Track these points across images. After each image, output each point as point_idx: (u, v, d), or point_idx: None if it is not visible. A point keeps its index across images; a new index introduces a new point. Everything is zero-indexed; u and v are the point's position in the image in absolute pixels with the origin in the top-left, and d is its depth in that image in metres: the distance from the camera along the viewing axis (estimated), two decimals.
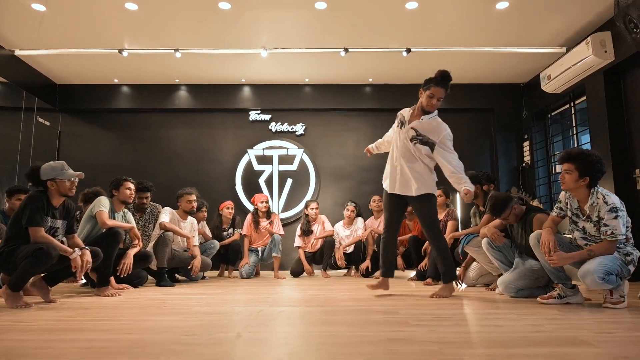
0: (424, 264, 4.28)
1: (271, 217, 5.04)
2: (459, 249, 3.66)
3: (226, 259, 5.03)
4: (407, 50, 5.12)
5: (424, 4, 4.24)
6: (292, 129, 6.38)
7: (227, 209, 5.09)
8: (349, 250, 5.05)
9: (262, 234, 5.02)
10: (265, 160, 6.31)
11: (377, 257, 4.74)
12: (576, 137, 5.31)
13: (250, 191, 6.10)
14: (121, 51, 5.11)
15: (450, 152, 3.00)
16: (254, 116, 6.38)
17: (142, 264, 3.72)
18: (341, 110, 6.38)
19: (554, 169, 5.79)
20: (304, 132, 6.38)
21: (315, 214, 5.12)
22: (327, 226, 5.12)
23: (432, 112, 3.07)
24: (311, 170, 6.27)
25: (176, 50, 5.11)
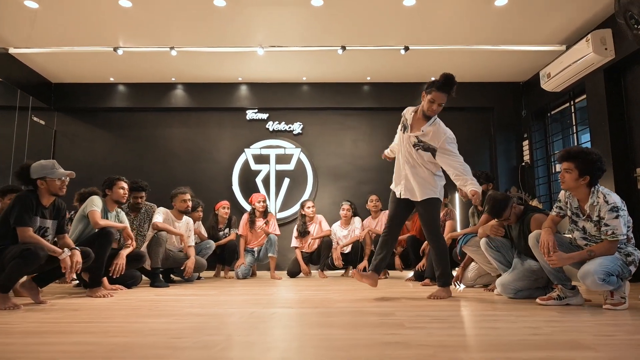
0: (422, 264, 4.22)
1: (267, 217, 4.98)
2: (457, 249, 3.61)
3: (222, 259, 4.98)
4: (405, 48, 5.06)
5: (422, 1, 4.18)
6: (290, 128, 6.32)
7: (223, 208, 5.04)
8: (347, 250, 4.99)
9: (258, 234, 4.97)
10: (262, 159, 6.26)
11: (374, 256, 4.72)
12: (576, 136, 5.26)
13: (247, 191, 6.05)
14: (116, 49, 5.06)
15: (451, 156, 2.92)
16: (251, 115, 6.33)
17: (135, 265, 3.67)
18: (339, 109, 6.33)
19: (554, 168, 5.73)
20: (301, 131, 6.33)
21: (312, 212, 5.06)
22: (324, 226, 5.06)
23: (432, 119, 2.99)
24: (308, 169, 6.22)
25: (172, 48, 5.05)
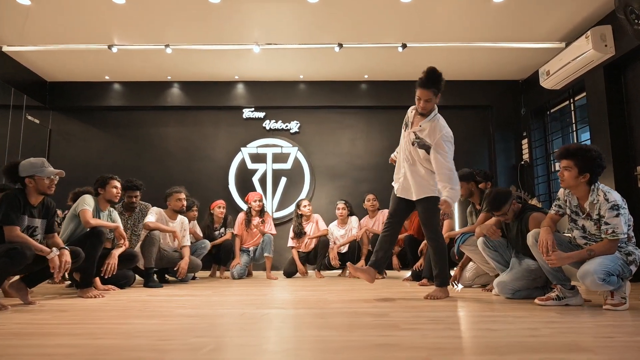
0: (420, 264, 4.17)
1: (264, 217, 4.92)
2: (455, 248, 3.55)
3: (218, 259, 4.91)
4: (403, 45, 5.00)
5: None
6: (287, 126, 6.26)
7: (219, 208, 4.98)
8: (344, 250, 4.94)
9: (253, 234, 4.91)
10: (259, 158, 6.20)
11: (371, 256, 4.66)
12: (576, 134, 5.20)
13: (243, 190, 5.99)
14: (110, 47, 5.00)
15: (442, 156, 2.83)
16: (248, 114, 6.27)
17: (127, 265, 3.61)
18: (336, 107, 6.27)
19: (553, 167, 5.68)
20: (298, 130, 6.27)
21: (308, 211, 5.01)
22: (321, 225, 5.00)
23: (429, 114, 2.93)
24: (306, 168, 6.16)
25: (167, 46, 5.00)
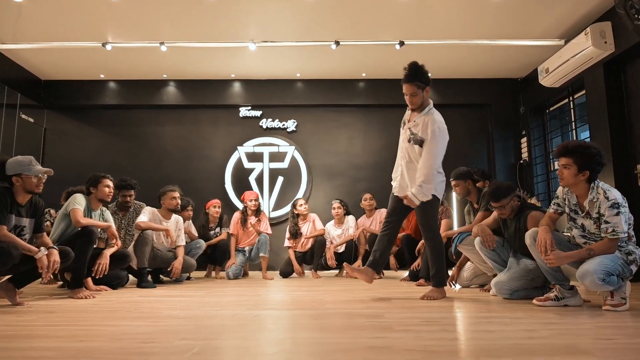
0: (417, 264, 4.11)
1: (260, 216, 4.86)
2: (452, 248, 3.49)
3: (213, 259, 4.86)
4: (401, 43, 4.94)
5: None
6: (284, 125, 6.20)
7: (214, 207, 4.92)
8: (340, 249, 4.88)
9: (249, 234, 4.85)
10: (255, 157, 6.14)
11: (369, 256, 4.59)
12: (575, 132, 5.14)
13: (240, 189, 5.93)
14: (105, 44, 4.94)
15: (429, 151, 2.80)
16: (244, 112, 6.21)
17: (119, 265, 3.55)
18: (334, 106, 6.21)
19: (553, 166, 5.62)
20: (295, 129, 6.21)
21: (305, 210, 4.95)
22: (318, 225, 4.94)
23: (423, 109, 2.91)
24: (303, 167, 6.10)
25: (161, 43, 4.93)
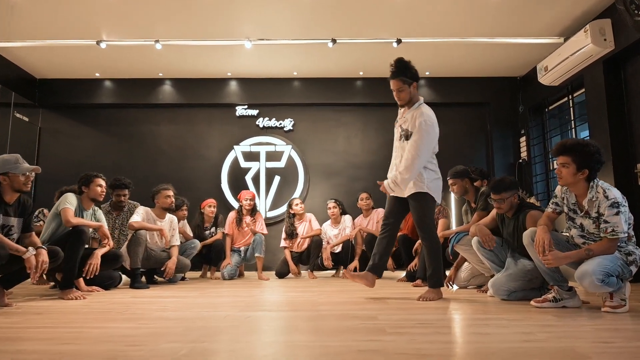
0: (414, 264, 4.06)
1: (255, 216, 4.81)
2: (449, 248, 3.44)
3: (208, 259, 4.80)
4: (398, 41, 4.89)
5: None
6: (280, 124, 6.15)
7: (209, 207, 4.86)
8: (337, 250, 4.83)
9: (244, 233, 4.79)
10: (252, 156, 6.08)
11: (365, 257, 4.55)
12: (574, 131, 5.09)
13: (236, 189, 5.88)
14: (99, 42, 4.89)
15: (415, 142, 2.77)
16: (241, 111, 6.16)
17: (111, 265, 3.50)
18: (331, 105, 6.15)
19: (552, 165, 5.57)
20: (292, 128, 6.16)
21: (301, 209, 4.90)
22: (315, 225, 4.89)
23: (413, 104, 2.90)
24: (300, 167, 6.05)
25: (156, 41, 4.88)
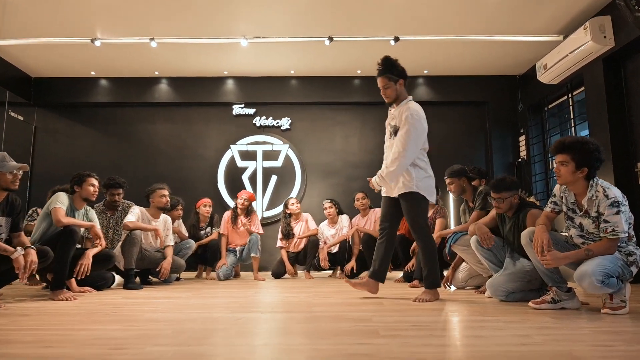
0: (412, 264, 4.01)
1: (251, 216, 4.76)
2: (447, 248, 3.39)
3: (204, 259, 4.75)
4: (396, 39, 4.84)
5: None
6: (277, 123, 6.10)
7: (205, 206, 4.81)
8: (334, 250, 4.78)
9: (240, 233, 4.74)
10: (248, 156, 6.03)
11: (363, 257, 4.50)
12: (574, 129, 5.04)
13: (233, 188, 5.83)
14: (94, 41, 4.84)
15: (401, 135, 2.77)
16: (238, 110, 6.11)
17: (103, 265, 3.44)
18: (329, 103, 6.10)
19: (551, 164, 5.52)
20: (289, 127, 6.11)
21: (297, 209, 4.84)
22: (311, 224, 4.84)
23: (400, 102, 2.89)
24: (297, 166, 6.00)
25: (151, 39, 4.83)
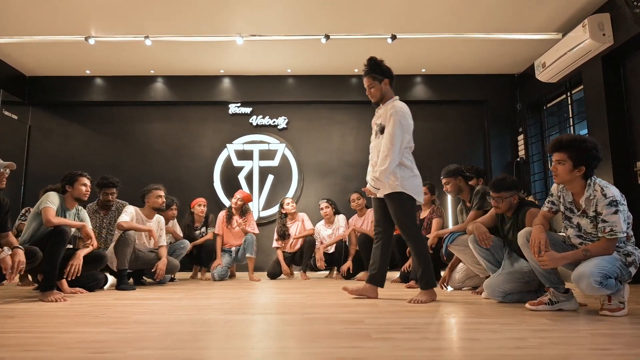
0: (408, 264, 3.96)
1: (246, 216, 4.70)
2: (443, 248, 3.34)
3: (199, 259, 4.70)
4: (393, 37, 4.79)
5: None
6: (274, 122, 6.05)
7: (199, 206, 4.76)
8: (330, 250, 4.73)
9: (235, 234, 4.69)
10: (245, 155, 5.98)
11: (359, 257, 4.45)
12: (573, 128, 4.99)
13: (229, 188, 5.78)
14: (87, 39, 4.79)
15: (387, 130, 2.76)
16: (234, 109, 6.06)
17: (95, 266, 3.39)
18: (326, 102, 6.06)
19: (550, 164, 5.46)
20: (286, 126, 6.06)
21: (292, 209, 4.80)
22: (307, 224, 4.79)
23: (385, 102, 2.90)
24: (294, 166, 5.95)
25: (146, 37, 4.78)
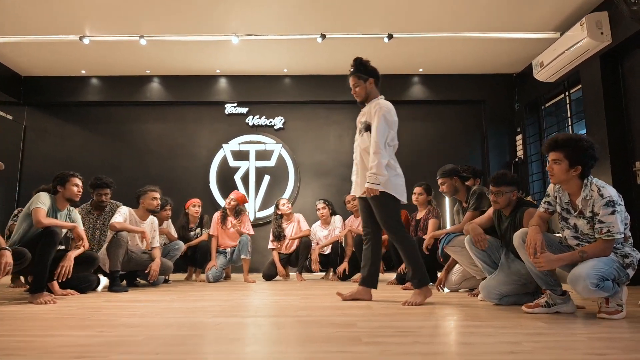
0: (404, 266, 3.91)
1: (241, 217, 4.66)
2: (440, 250, 3.29)
3: (194, 261, 4.66)
4: (389, 36, 4.75)
5: None
6: (271, 122, 6.01)
7: (194, 206, 4.72)
8: (327, 251, 4.68)
9: (231, 235, 4.65)
10: (241, 155, 5.95)
11: (355, 258, 4.41)
12: (571, 128, 4.95)
13: (225, 188, 5.74)
14: (82, 38, 4.75)
15: (374, 126, 2.75)
16: (230, 109, 6.02)
17: (86, 268, 3.35)
18: (322, 102, 6.03)
19: (548, 164, 5.42)
20: (282, 126, 6.02)
21: (288, 209, 4.75)
22: (303, 225, 4.74)
23: (370, 101, 2.91)
24: (290, 166, 5.91)
25: (141, 37, 4.75)
